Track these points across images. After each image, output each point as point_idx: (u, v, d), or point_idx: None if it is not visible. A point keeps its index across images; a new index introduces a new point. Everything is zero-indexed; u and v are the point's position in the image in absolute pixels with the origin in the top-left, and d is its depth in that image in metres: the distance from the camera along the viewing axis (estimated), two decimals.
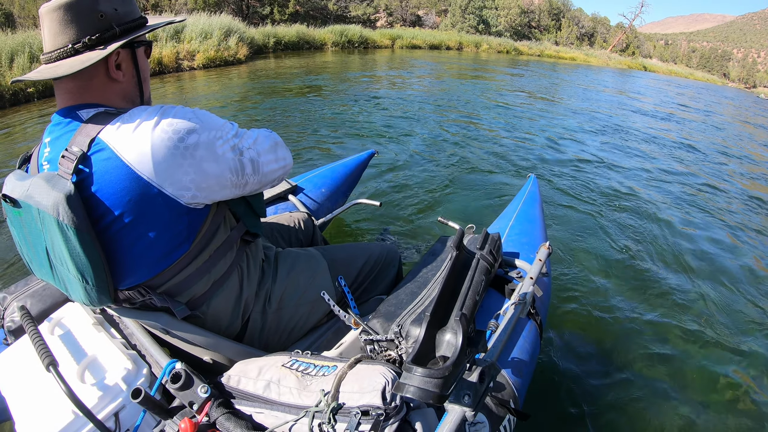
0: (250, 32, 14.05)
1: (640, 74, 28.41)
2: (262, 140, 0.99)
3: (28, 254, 0.91)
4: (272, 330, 1.17)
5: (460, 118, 6.79)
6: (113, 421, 0.93)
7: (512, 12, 33.26)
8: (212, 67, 10.99)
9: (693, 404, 1.94)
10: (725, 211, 4.28)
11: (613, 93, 13.55)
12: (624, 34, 46.57)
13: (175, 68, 10.27)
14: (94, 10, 0.83)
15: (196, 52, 10.86)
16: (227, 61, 11.60)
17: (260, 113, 6.36)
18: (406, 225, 3.15)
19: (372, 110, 6.72)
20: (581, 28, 41.97)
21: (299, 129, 5.55)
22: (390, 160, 4.51)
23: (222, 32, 11.99)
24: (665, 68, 41.48)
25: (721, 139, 8.35)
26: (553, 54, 30.90)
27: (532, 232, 1.84)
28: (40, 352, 0.87)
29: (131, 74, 0.93)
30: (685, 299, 2.69)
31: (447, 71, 14.05)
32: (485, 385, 0.83)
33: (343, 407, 0.80)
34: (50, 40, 0.83)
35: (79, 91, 0.86)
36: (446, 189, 3.89)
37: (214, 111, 4.61)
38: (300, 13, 20.73)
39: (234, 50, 11.97)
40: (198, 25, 11.64)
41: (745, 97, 25.19)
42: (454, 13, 30.90)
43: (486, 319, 1.25)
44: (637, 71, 31.69)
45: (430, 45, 23.33)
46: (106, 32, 0.84)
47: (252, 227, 1.08)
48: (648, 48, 54.03)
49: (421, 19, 30.31)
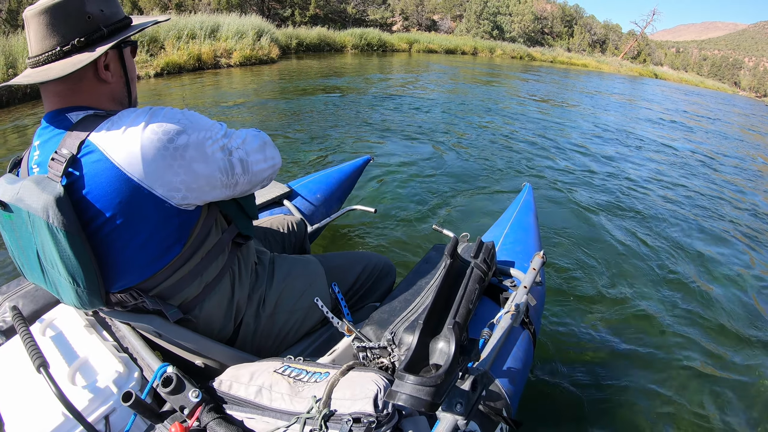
0: (276, 33, 14.63)
1: (651, 82, 28.71)
2: (250, 140, 1.00)
3: (20, 258, 0.90)
4: (265, 334, 1.17)
5: (461, 125, 6.81)
6: (103, 424, 0.92)
7: (526, 18, 33.94)
8: (248, 65, 11.71)
9: (690, 414, 1.95)
10: (726, 221, 4.30)
11: (622, 100, 13.74)
12: (635, 42, 47.27)
13: (213, 65, 10.94)
14: (82, 11, 0.82)
15: (233, 50, 11.57)
16: (261, 60, 12.36)
17: (292, 109, 6.88)
18: (401, 232, 3.16)
19: (382, 113, 6.81)
20: (593, 35, 42.80)
21: (327, 125, 5.97)
22: (386, 166, 4.52)
23: (255, 32, 12.74)
24: (676, 76, 41.99)
25: (726, 148, 8.43)
26: (566, 60, 31.47)
27: (526, 241, 1.85)
28: (31, 353, 0.86)
29: (119, 75, 0.93)
30: (682, 309, 2.70)
31: (461, 75, 14.37)
32: (478, 394, 0.83)
33: (335, 414, 0.79)
34: (37, 43, 0.83)
35: (68, 93, 0.86)
36: (441, 197, 3.90)
37: (251, 107, 5.14)
38: (320, 16, 21.07)
39: (267, 50, 12.77)
40: (233, 24, 12.40)
41: (754, 106, 25.33)
42: (468, 18, 31.47)
43: (479, 327, 1.26)
44: (648, 78, 32.06)
45: (445, 50, 23.83)
46: (94, 34, 0.84)
47: (244, 229, 1.08)
48: (659, 55, 54.87)
49: (436, 24, 30.88)
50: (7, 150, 4.53)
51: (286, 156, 4.62)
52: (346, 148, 5.07)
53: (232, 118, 6.20)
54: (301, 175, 3.21)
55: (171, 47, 10.30)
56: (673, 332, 2.48)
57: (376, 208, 2.24)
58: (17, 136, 5.01)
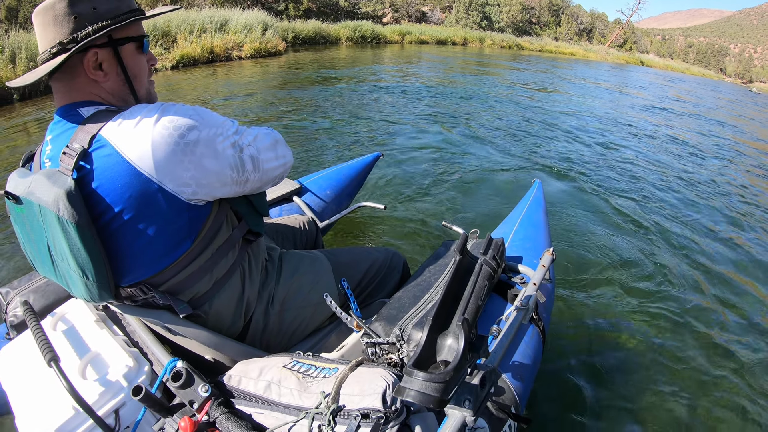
0: (277, 26, 15.34)
1: (637, 69, 29.52)
2: (262, 138, 1.00)
3: (31, 251, 0.91)
4: (274, 331, 1.17)
5: (466, 119, 6.77)
6: (113, 418, 0.93)
7: (514, 9, 34.68)
8: (257, 57, 12.45)
9: (700, 413, 1.93)
10: (736, 213, 4.25)
11: (611, 88, 14.17)
12: (621, 30, 48.41)
13: (225, 57, 11.64)
14: (69, 12, 0.83)
15: (243, 43, 12.33)
16: (270, 52, 13.19)
17: (305, 98, 7.30)
18: (410, 228, 3.15)
19: (381, 109, 6.77)
20: (580, 24, 43.85)
21: (336, 117, 6.16)
22: (396, 162, 4.51)
23: (261, 27, 13.59)
24: (662, 63, 43.18)
25: (715, 133, 8.71)
26: (554, 49, 32.28)
27: (536, 238, 1.84)
28: (41, 347, 0.87)
29: (116, 73, 0.90)
30: (694, 307, 2.67)
31: (454, 67, 14.66)
32: (486, 390, 0.82)
33: (343, 409, 0.79)
34: (39, 43, 0.86)
35: (67, 91, 0.88)
36: (451, 193, 3.88)
37: (265, 97, 5.57)
38: (312, 10, 21.40)
39: (274, 43, 13.59)
40: (241, 19, 13.17)
41: (737, 91, 26.31)
42: (458, 9, 32.09)
43: (488, 324, 1.25)
44: (635, 66, 32.98)
45: (437, 41, 24.29)
46: (80, 32, 0.84)
47: (254, 226, 1.08)
48: (645, 43, 56.13)
49: (426, 15, 31.32)
50: (29, 142, 4.64)
51: (300, 148, 4.70)
52: (357, 142, 5.11)
53: (249, 109, 6.39)
54: (315, 169, 3.21)
55: (183, 41, 10.83)
56: (687, 330, 2.45)
57: (386, 205, 2.23)
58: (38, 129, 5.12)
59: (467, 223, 3.36)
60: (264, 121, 5.79)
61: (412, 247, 2.89)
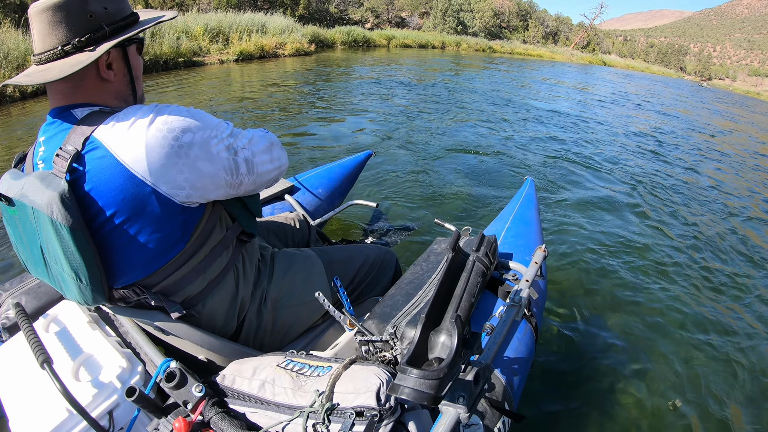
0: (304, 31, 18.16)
1: (600, 69, 32.23)
2: (257, 140, 0.99)
3: (24, 253, 0.91)
4: (268, 330, 1.17)
5: (456, 117, 6.79)
6: (107, 420, 0.93)
7: (486, 14, 37.20)
8: (296, 56, 14.85)
9: (692, 408, 1.95)
10: (726, 212, 4.30)
11: (576, 88, 15.15)
12: (585, 33, 51.62)
13: (273, 54, 14.13)
14: (84, 10, 0.82)
15: (285, 43, 14.91)
16: (306, 51, 15.77)
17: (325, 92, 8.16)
18: (403, 226, 3.15)
19: (371, 107, 6.78)
20: (546, 28, 47.00)
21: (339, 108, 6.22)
22: (387, 161, 4.51)
23: (293, 30, 16.24)
24: (623, 63, 46.77)
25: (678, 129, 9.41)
26: (522, 51, 34.89)
27: (528, 235, 1.85)
28: (34, 349, 0.87)
29: (123, 73, 0.92)
30: (685, 301, 2.70)
31: (437, 67, 16.06)
32: (480, 387, 0.83)
33: (338, 408, 0.80)
34: (40, 41, 0.83)
35: (71, 92, 0.86)
36: (443, 190, 3.89)
37: (299, 87, 6.49)
38: (305, 16, 22.39)
39: (306, 44, 16.24)
40: (277, 23, 15.77)
41: (690, 87, 29.57)
42: (435, 15, 34.24)
43: (481, 321, 1.26)
44: (598, 66, 36.07)
45: (418, 44, 26.25)
46: (96, 32, 0.83)
47: (248, 227, 1.08)
48: (607, 44, 59.34)
49: (405, 21, 33.22)
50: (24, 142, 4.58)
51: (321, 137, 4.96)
52: (350, 138, 5.10)
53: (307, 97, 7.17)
54: (307, 168, 3.21)
55: (236, 39, 13.33)
56: (680, 325, 2.48)
57: (378, 203, 2.23)
58: None
59: (460, 220, 3.37)
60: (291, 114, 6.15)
61: (405, 244, 2.89)
